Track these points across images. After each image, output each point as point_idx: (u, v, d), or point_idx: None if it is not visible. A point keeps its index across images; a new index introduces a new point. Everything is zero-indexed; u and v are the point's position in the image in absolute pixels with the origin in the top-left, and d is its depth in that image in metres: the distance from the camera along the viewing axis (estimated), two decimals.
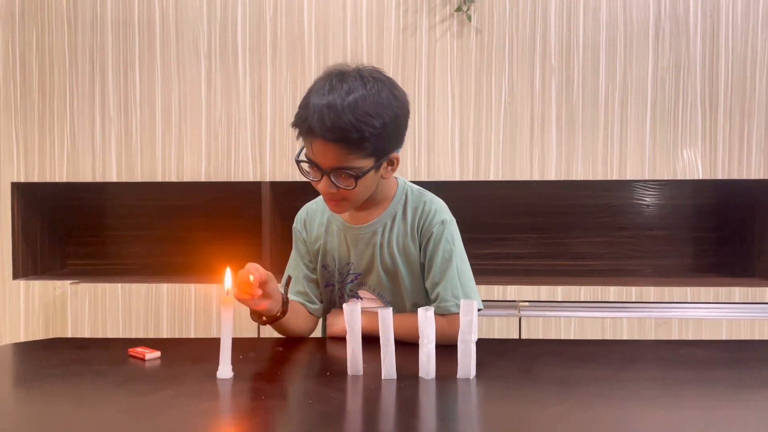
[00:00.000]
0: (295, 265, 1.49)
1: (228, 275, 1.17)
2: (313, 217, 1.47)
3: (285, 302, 1.32)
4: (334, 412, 0.99)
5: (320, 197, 1.45)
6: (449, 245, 1.38)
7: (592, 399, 1.02)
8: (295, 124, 1.26)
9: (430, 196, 1.44)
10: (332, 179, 1.25)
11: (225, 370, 1.14)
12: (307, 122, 1.22)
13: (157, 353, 1.26)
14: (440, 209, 1.41)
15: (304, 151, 1.28)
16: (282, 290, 1.34)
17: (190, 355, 1.29)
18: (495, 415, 0.98)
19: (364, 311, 1.19)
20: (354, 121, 1.19)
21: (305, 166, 1.28)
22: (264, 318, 1.32)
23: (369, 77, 1.26)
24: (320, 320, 1.54)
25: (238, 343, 1.28)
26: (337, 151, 1.22)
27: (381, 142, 1.24)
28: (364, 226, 1.40)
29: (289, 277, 1.40)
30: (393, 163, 1.32)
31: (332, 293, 1.46)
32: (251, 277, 1.21)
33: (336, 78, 1.24)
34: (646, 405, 0.98)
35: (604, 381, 1.11)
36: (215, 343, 1.16)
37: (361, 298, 1.42)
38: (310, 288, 1.47)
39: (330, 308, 1.48)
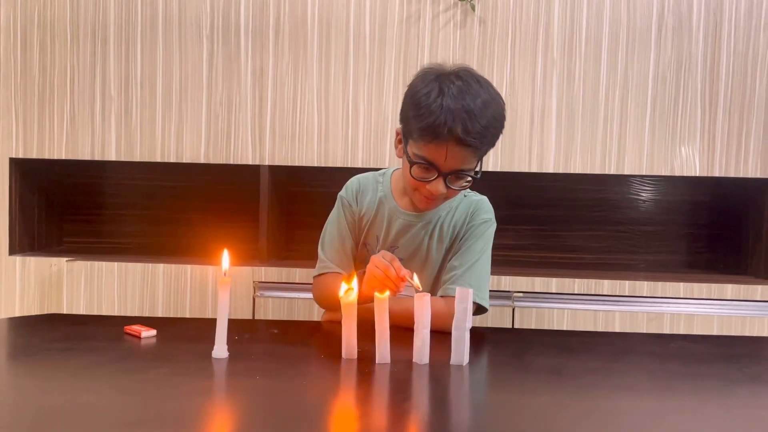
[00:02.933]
0: (339, 234, 1.47)
1: (225, 257, 1.18)
2: (365, 191, 1.48)
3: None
4: (328, 394, 1.00)
5: (370, 173, 1.50)
6: (485, 243, 1.42)
7: (583, 389, 1.04)
8: (427, 127, 1.24)
9: (481, 196, 1.51)
10: (446, 181, 1.28)
11: (220, 349, 1.15)
12: (446, 127, 1.22)
13: (153, 331, 1.27)
14: (489, 208, 1.48)
15: (412, 150, 1.29)
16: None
17: (186, 334, 1.30)
18: (486, 401, 0.99)
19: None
20: (489, 127, 1.25)
21: (420, 166, 1.29)
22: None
23: (480, 79, 1.29)
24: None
25: (233, 324, 1.29)
26: (467, 154, 1.26)
27: (490, 146, 1.31)
28: (422, 214, 1.42)
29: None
30: (477, 177, 1.35)
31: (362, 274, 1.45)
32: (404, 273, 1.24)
33: (455, 79, 1.26)
34: (636, 397, 1.00)
35: (595, 372, 1.12)
36: (211, 323, 1.17)
37: None
38: (350, 260, 1.47)
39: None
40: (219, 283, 1.16)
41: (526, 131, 2.07)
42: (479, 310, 1.43)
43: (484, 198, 1.51)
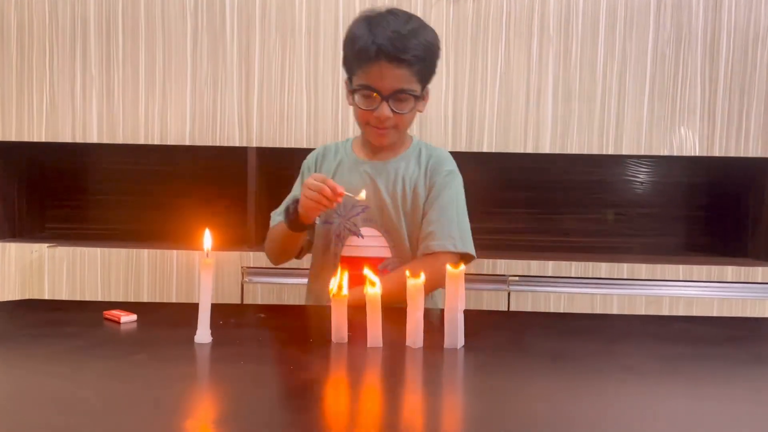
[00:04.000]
0: (293, 196, 1.51)
1: (207, 236, 1.12)
2: (328, 154, 1.53)
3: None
4: (316, 379, 0.95)
5: (336, 142, 1.57)
6: (457, 194, 1.46)
7: (585, 373, 0.99)
8: (358, 52, 1.34)
9: (442, 149, 1.55)
10: (389, 104, 1.34)
11: (203, 334, 1.09)
12: (375, 46, 1.31)
13: (133, 316, 1.21)
14: (450, 160, 1.50)
15: (355, 83, 1.37)
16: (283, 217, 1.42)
17: (168, 319, 1.25)
18: (482, 385, 0.94)
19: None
20: (419, 45, 1.33)
21: (360, 94, 1.36)
22: (295, 221, 1.38)
23: (411, 14, 1.39)
24: (315, 296, 1.49)
25: (219, 309, 1.24)
26: (400, 72, 1.32)
27: (428, 66, 1.37)
28: (386, 161, 1.46)
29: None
30: (425, 98, 1.43)
31: (329, 231, 1.46)
32: (339, 189, 1.29)
33: (387, 13, 1.36)
34: (639, 379, 0.95)
35: (595, 355, 1.07)
36: (195, 308, 1.11)
37: (362, 236, 1.44)
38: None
39: (325, 247, 1.47)
40: (201, 265, 1.10)
41: (521, 111, 2.01)
42: (465, 258, 1.45)
43: (443, 149, 1.54)
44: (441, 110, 2.02)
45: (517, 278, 1.97)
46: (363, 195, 1.30)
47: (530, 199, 2.33)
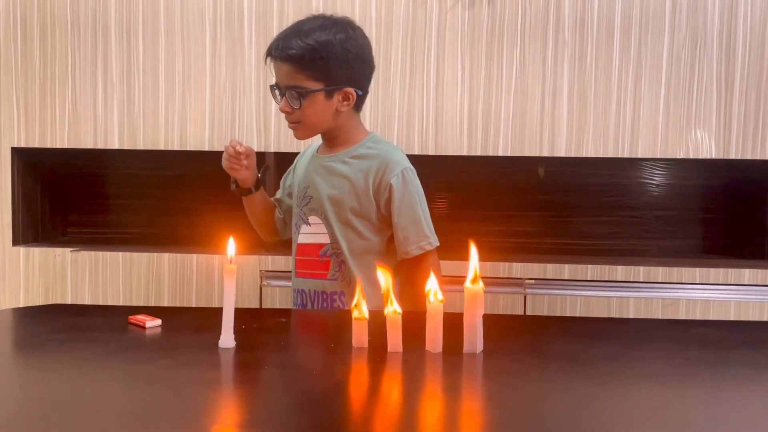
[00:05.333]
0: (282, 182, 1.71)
1: (231, 243, 1.15)
2: (306, 151, 1.66)
3: (259, 180, 1.58)
4: (338, 384, 0.97)
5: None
6: (412, 189, 1.50)
7: (603, 377, 1.00)
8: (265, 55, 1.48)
9: (394, 147, 1.60)
10: (287, 99, 1.45)
11: (227, 339, 1.12)
12: (272, 45, 1.45)
13: (158, 321, 1.23)
14: (400, 154, 1.54)
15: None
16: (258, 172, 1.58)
17: (192, 324, 1.27)
18: (501, 389, 0.95)
19: None
20: (300, 43, 1.41)
21: (276, 91, 1.48)
22: (238, 187, 1.58)
23: (330, 20, 1.46)
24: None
25: (240, 314, 1.26)
26: (288, 69, 1.43)
27: (327, 68, 1.42)
28: (329, 156, 1.54)
29: (266, 166, 1.67)
30: (348, 99, 1.47)
31: (294, 221, 1.59)
32: (239, 148, 1.51)
33: (301, 20, 1.47)
34: (658, 384, 0.96)
35: (613, 359, 1.08)
36: (217, 312, 1.13)
37: (309, 224, 1.54)
38: (284, 198, 1.68)
39: (293, 236, 1.60)
40: (225, 271, 1.13)
41: (536, 114, 2.02)
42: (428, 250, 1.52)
43: (390, 144, 1.60)
44: (456, 114, 2.03)
45: (533, 281, 1.98)
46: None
47: (546, 202, 2.34)
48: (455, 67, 2.03)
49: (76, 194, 2.43)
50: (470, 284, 1.09)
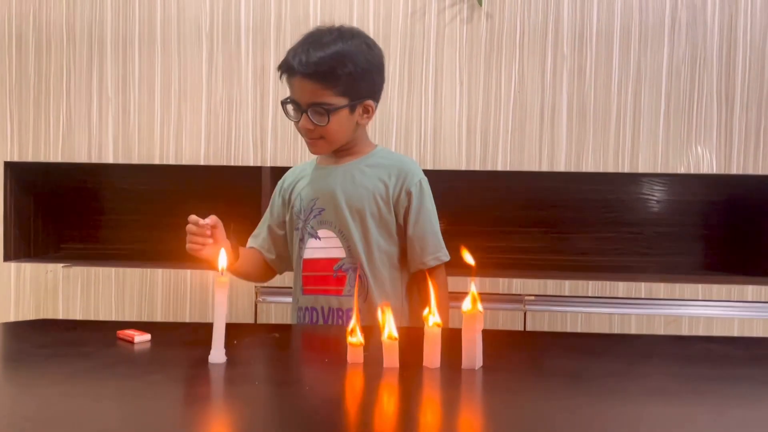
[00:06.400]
0: (263, 220, 1.61)
1: (222, 255, 1.12)
2: (295, 171, 1.60)
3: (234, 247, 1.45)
4: (332, 400, 0.93)
5: (306, 162, 1.61)
6: (429, 201, 1.49)
7: (606, 394, 0.96)
8: (279, 67, 1.42)
9: (408, 157, 1.59)
10: (309, 116, 1.38)
11: (218, 354, 1.08)
12: (288, 62, 1.38)
13: (147, 336, 1.20)
14: (417, 166, 1.53)
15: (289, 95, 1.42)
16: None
17: (182, 339, 1.24)
18: (501, 406, 0.92)
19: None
20: (327, 59, 1.35)
21: (289, 107, 1.42)
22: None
23: (347, 32, 1.42)
24: (294, 299, 1.53)
25: (232, 329, 1.23)
26: (313, 86, 1.36)
27: (352, 82, 1.38)
28: (338, 166, 1.49)
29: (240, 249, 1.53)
30: (368, 111, 1.45)
31: (296, 237, 1.52)
32: (201, 222, 1.37)
33: (316, 32, 1.42)
34: (663, 401, 0.92)
35: (617, 375, 1.05)
36: (208, 327, 1.10)
37: (319, 238, 1.47)
38: (270, 237, 1.58)
39: (294, 252, 1.53)
40: (216, 284, 1.10)
41: (536, 129, 2.00)
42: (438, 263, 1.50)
43: (406, 156, 1.61)
44: (455, 128, 2.01)
45: (533, 298, 1.95)
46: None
47: (545, 218, 2.31)
48: (453, 81, 2.01)
49: (70, 209, 2.40)
50: (469, 306, 1.06)
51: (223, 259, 1.11)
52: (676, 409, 0.89)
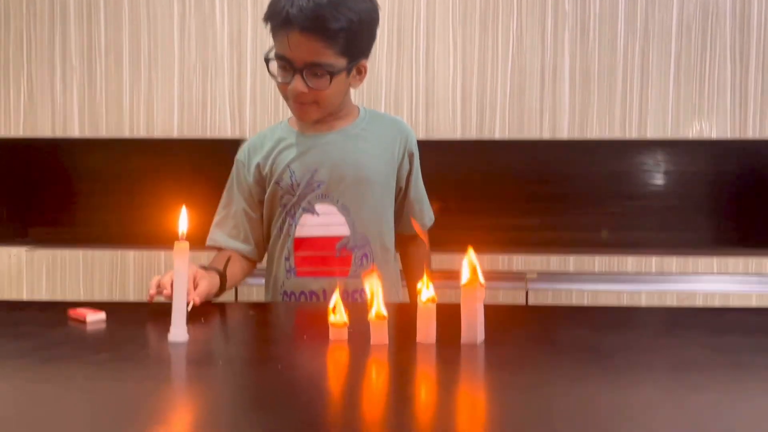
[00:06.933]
0: (227, 203, 1.38)
1: (183, 215, 0.97)
2: (262, 141, 1.36)
3: (222, 276, 1.23)
4: (308, 381, 0.78)
5: (269, 127, 1.42)
6: (419, 165, 1.41)
7: (628, 368, 0.82)
8: (269, 16, 1.21)
9: (395, 116, 1.48)
10: (304, 78, 1.20)
11: (179, 332, 0.93)
12: (284, 11, 1.16)
13: (102, 314, 1.05)
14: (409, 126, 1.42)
15: (274, 50, 1.23)
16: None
17: (142, 317, 1.08)
18: (509, 385, 0.77)
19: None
20: (333, 11, 1.16)
21: (276, 64, 1.22)
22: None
23: None
24: (273, 283, 1.34)
25: (203, 307, 1.10)
26: (314, 44, 1.17)
27: (354, 40, 1.21)
28: (332, 132, 1.32)
29: (229, 258, 1.30)
30: (362, 72, 1.28)
31: (283, 212, 1.32)
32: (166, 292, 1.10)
33: None
34: (703, 375, 0.79)
35: (644, 349, 0.91)
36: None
37: (317, 214, 1.30)
38: (247, 225, 1.36)
39: (279, 229, 1.33)
40: (175, 251, 0.95)
41: (536, 94, 1.86)
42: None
43: (390, 115, 1.48)
44: (449, 94, 1.87)
45: (535, 275, 1.81)
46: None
47: (547, 191, 2.16)
48: (446, 43, 1.86)
49: (35, 189, 2.23)
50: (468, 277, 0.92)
51: (183, 222, 0.96)
52: (720, 382, 0.75)
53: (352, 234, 1.30)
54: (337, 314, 0.94)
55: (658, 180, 2.16)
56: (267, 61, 1.24)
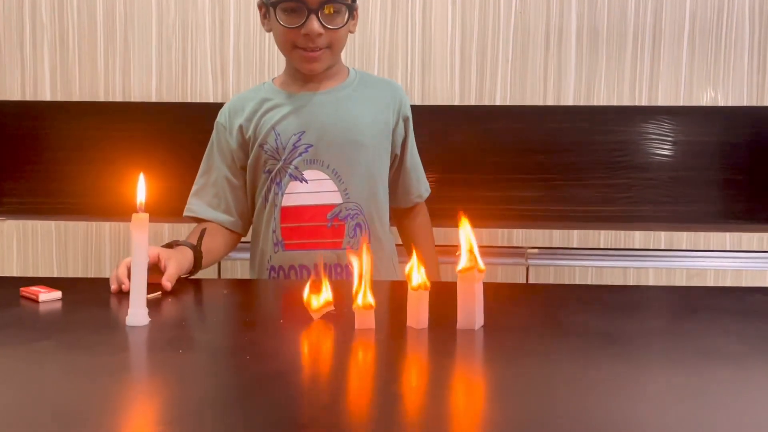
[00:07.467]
0: (206, 170, 1.28)
1: (141, 183, 0.86)
2: (244, 103, 1.27)
3: (197, 251, 1.13)
4: (278, 372, 0.68)
5: (250, 89, 1.34)
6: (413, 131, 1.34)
7: (649, 356, 0.73)
8: None
9: (389, 79, 1.49)
10: (320, 18, 1.13)
11: (138, 314, 0.83)
12: None
13: (57, 293, 0.95)
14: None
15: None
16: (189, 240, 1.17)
17: (102, 296, 0.98)
18: (510, 375, 0.67)
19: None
20: None
21: (281, 9, 1.14)
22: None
23: None
24: (258, 258, 1.24)
25: (173, 286, 0.99)
26: None
27: None
28: (322, 92, 1.23)
29: (204, 230, 1.18)
30: (355, 17, 1.23)
31: (267, 179, 1.22)
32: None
33: None
34: (730, 365, 0.69)
35: (662, 335, 0.81)
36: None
37: (306, 181, 1.20)
38: (230, 194, 1.26)
39: (264, 199, 1.23)
40: (132, 222, 0.84)
41: (540, 57, 1.73)
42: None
43: (387, 79, 1.46)
44: (447, 57, 1.74)
45: (536, 251, 1.70)
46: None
47: (549, 162, 2.04)
48: (444, 1, 1.73)
49: (3, 156, 2.10)
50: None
51: (142, 190, 0.85)
52: (750, 373, 0.65)
53: (343, 203, 1.20)
54: (321, 294, 0.83)
55: (669, 150, 2.04)
56: (272, 5, 1.16)
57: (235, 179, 1.25)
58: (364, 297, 0.79)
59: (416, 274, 0.82)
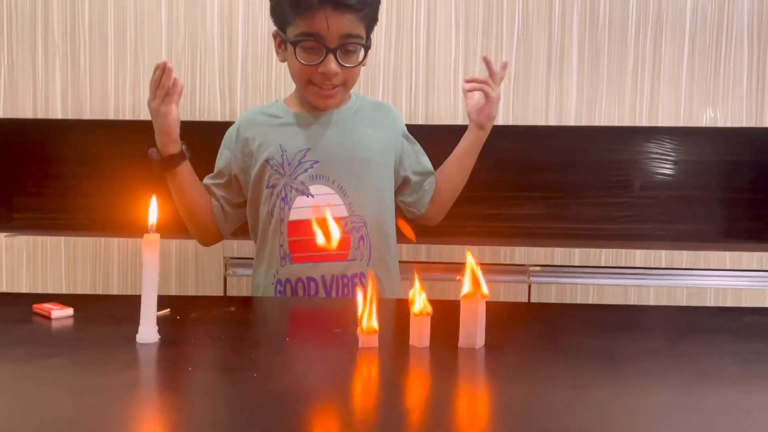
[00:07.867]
0: (224, 160, 1.36)
1: (153, 205, 0.88)
2: (255, 116, 1.34)
3: (184, 150, 1.30)
4: (287, 390, 0.70)
5: (262, 106, 1.39)
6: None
7: (649, 378, 0.74)
8: (294, 1, 1.17)
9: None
10: (337, 57, 1.18)
11: (147, 332, 0.85)
12: None
13: (69, 311, 0.97)
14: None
15: (293, 35, 1.19)
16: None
17: (113, 313, 1.00)
18: (511, 396, 0.69)
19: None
20: None
21: (301, 48, 1.18)
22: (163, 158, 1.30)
23: None
24: (264, 272, 1.27)
25: (179, 302, 1.04)
26: (347, 16, 1.16)
27: (372, 12, 1.22)
28: (332, 112, 1.28)
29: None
30: (368, 48, 1.26)
31: (273, 195, 1.26)
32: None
33: None
34: (727, 387, 0.70)
35: (660, 356, 0.83)
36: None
37: (312, 195, 1.24)
38: (235, 183, 1.33)
39: (269, 213, 1.26)
40: (144, 243, 0.86)
41: (542, 78, 1.76)
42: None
43: (378, 101, 1.50)
44: (450, 77, 1.77)
45: (538, 268, 1.72)
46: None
47: (552, 181, 2.07)
48: (448, 23, 1.76)
49: (17, 173, 2.13)
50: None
51: (153, 212, 0.88)
52: (746, 396, 0.67)
53: (349, 215, 1.24)
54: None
55: (669, 170, 2.06)
56: (292, 44, 1.20)
57: (243, 176, 1.33)
58: (368, 321, 0.82)
59: (418, 298, 0.84)
